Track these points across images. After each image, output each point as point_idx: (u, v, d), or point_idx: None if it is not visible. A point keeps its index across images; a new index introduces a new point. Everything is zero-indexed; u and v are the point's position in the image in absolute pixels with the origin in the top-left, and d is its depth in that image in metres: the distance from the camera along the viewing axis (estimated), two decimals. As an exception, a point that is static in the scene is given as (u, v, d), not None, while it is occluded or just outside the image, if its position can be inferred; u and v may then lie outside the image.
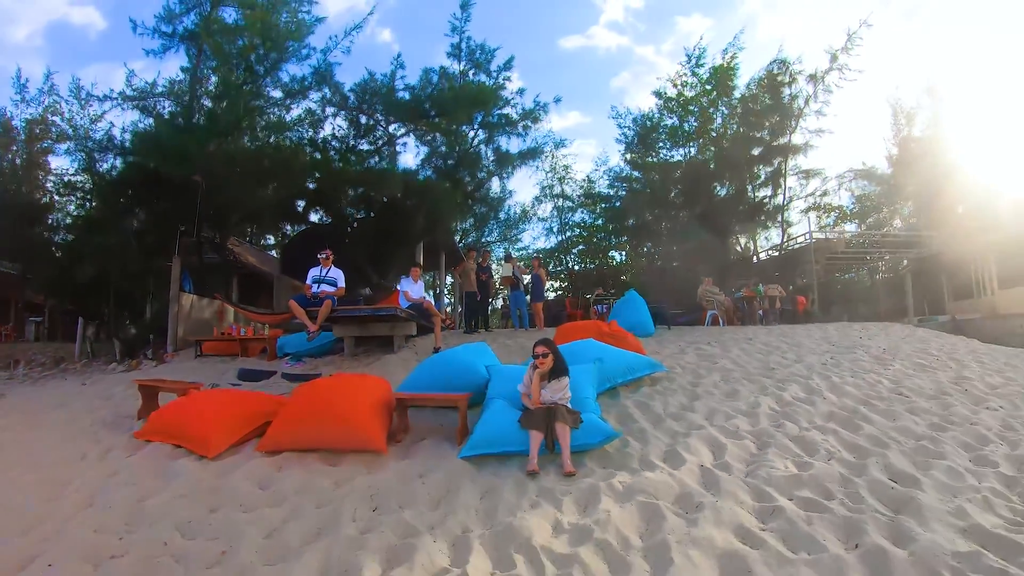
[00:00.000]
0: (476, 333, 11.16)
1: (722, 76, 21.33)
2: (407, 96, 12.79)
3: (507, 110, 14.14)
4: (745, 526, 3.26)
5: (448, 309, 18.05)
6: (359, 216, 13.52)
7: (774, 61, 20.24)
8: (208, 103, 13.31)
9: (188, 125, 11.86)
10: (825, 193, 21.61)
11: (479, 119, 13.35)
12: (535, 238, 27.59)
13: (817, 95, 19.50)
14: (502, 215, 26.18)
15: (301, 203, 14.01)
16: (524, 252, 28.87)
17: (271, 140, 12.45)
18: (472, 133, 13.85)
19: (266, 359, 9.43)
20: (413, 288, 9.31)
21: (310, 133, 13.38)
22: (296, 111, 13.89)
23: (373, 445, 4.55)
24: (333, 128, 13.73)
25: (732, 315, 13.59)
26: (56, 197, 21.94)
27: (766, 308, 13.26)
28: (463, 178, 13.53)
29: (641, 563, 2.92)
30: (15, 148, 22.29)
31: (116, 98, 13.99)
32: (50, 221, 22.65)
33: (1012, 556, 2.87)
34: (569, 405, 4.59)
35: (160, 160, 11.12)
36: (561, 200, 26.41)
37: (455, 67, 14.35)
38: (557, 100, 22.78)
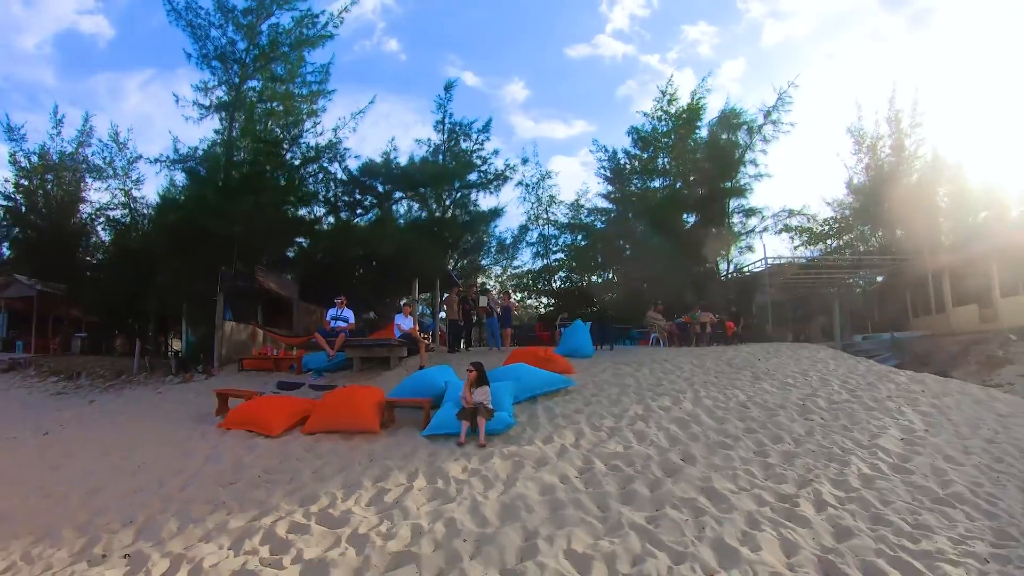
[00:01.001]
0: (457, 352, 14.13)
1: (689, 115, 24.22)
2: (399, 172, 15.98)
3: (484, 167, 17.36)
4: (566, 475, 6.11)
5: (443, 327, 20.95)
6: (362, 255, 16.57)
7: (722, 111, 23.19)
8: (240, 162, 16.36)
9: (228, 187, 14.94)
10: (765, 229, 24.37)
11: (457, 184, 16.55)
12: (525, 262, 30.27)
13: (754, 146, 22.43)
14: (493, 242, 29.00)
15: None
16: (519, 269, 31.59)
17: (292, 198, 15.56)
18: (453, 195, 17.06)
19: (295, 373, 12.42)
20: (404, 322, 12.30)
21: (323, 190, 16.56)
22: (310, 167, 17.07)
23: (372, 428, 7.58)
24: (343, 189, 16.93)
25: (674, 337, 16.47)
26: (99, 229, 25.02)
27: (699, 332, 16.11)
28: (445, 235, 16.66)
29: (500, 485, 5.83)
30: (51, 178, 25.31)
31: (164, 160, 17.18)
32: (87, 247, 25.69)
33: (717, 502, 5.30)
34: (490, 406, 7.53)
35: (207, 218, 14.17)
36: (547, 227, 29.22)
37: (439, 137, 17.61)
38: (524, 160, 26.12)
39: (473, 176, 17.30)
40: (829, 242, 28.63)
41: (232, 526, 5.13)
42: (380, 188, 16.41)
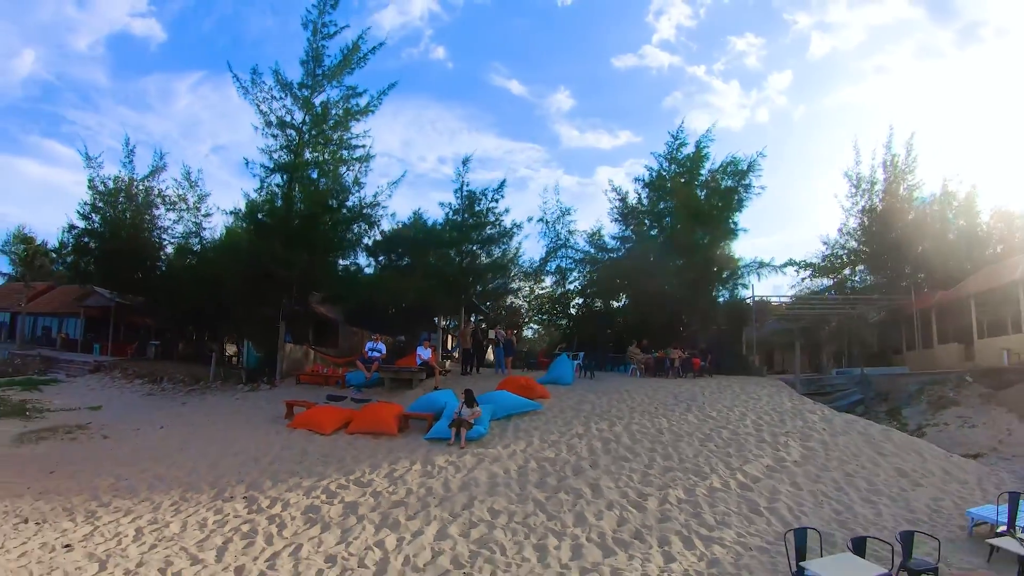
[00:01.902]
0: (469, 375, 17.68)
1: (693, 164, 27.12)
2: (423, 235, 19.83)
3: (497, 221, 21.27)
4: (508, 468, 9.56)
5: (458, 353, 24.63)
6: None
7: (711, 171, 26.16)
8: (297, 214, 20.11)
9: (288, 237, 18.74)
10: (741, 275, 26.85)
11: (471, 244, 20.41)
12: (547, 287, 33.41)
13: (731, 205, 25.36)
14: (520, 265, 32.12)
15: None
16: (545, 291, 34.70)
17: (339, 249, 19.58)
18: (470, 248, 20.90)
19: (340, 388, 16.19)
20: (424, 353, 15.96)
21: (365, 241, 20.57)
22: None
23: (392, 432, 11.24)
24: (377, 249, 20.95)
25: (650, 368, 19.68)
26: (168, 248, 28.52)
27: (670, 366, 19.24)
28: (460, 284, 20.45)
29: (465, 471, 9.34)
30: (123, 201, 28.56)
31: (236, 212, 21.24)
32: (158, 265, 29.19)
33: (595, 493, 8.65)
34: (472, 421, 11.05)
35: (271, 263, 18.06)
36: (564, 260, 32.30)
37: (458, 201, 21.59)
38: (530, 219, 29.72)
39: (488, 230, 21.15)
40: (840, 274, 30.73)
41: (303, 484, 8.80)
42: (411, 240, 20.32)
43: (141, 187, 28.33)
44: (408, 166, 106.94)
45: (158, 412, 16.51)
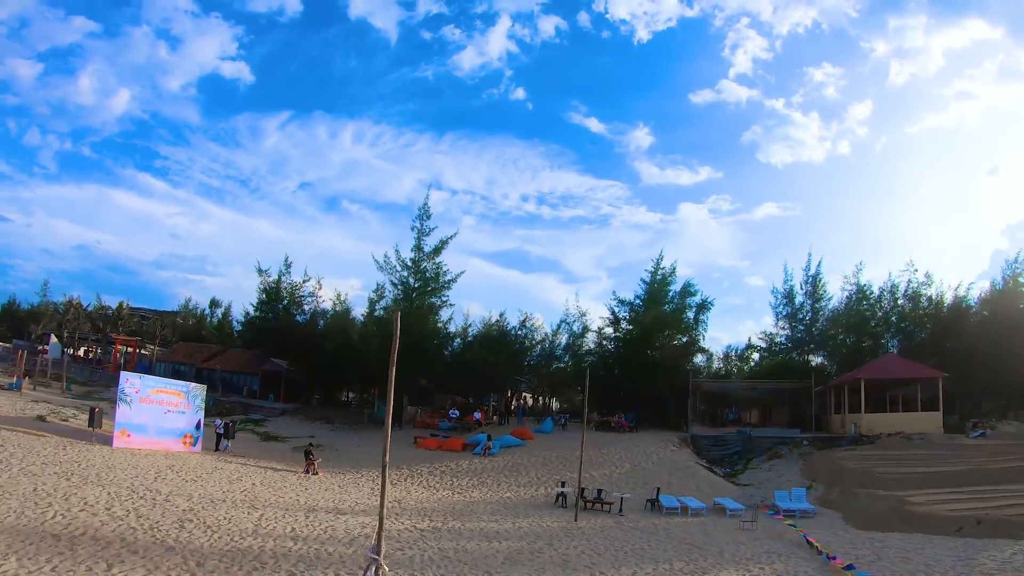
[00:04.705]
0: (502, 425, 33.92)
1: (660, 287, 42.12)
2: (472, 354, 36.70)
3: (527, 340, 38.02)
4: (501, 463, 25.82)
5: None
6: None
7: (683, 286, 41.28)
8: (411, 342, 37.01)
9: (408, 352, 35.55)
10: (689, 361, 41.47)
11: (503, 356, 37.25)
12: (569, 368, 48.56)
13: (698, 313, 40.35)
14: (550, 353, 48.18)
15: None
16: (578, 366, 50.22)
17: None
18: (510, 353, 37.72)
19: (436, 430, 32.91)
20: (476, 415, 32.52)
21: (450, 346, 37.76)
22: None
23: (459, 450, 28.13)
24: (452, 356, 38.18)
25: (603, 425, 35.04)
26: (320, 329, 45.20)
27: (612, 425, 34.40)
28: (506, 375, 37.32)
29: (484, 463, 25.70)
30: (285, 296, 44.80)
31: (370, 315, 38.82)
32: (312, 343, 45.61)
33: (526, 474, 24.98)
34: (491, 445, 27.38)
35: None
36: (580, 348, 47.67)
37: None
38: (556, 324, 45.77)
39: (515, 348, 38.09)
40: (777, 358, 44.51)
41: (425, 465, 25.60)
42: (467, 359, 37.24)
43: (298, 289, 44.39)
44: (491, 204, 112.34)
45: (348, 439, 33.54)
